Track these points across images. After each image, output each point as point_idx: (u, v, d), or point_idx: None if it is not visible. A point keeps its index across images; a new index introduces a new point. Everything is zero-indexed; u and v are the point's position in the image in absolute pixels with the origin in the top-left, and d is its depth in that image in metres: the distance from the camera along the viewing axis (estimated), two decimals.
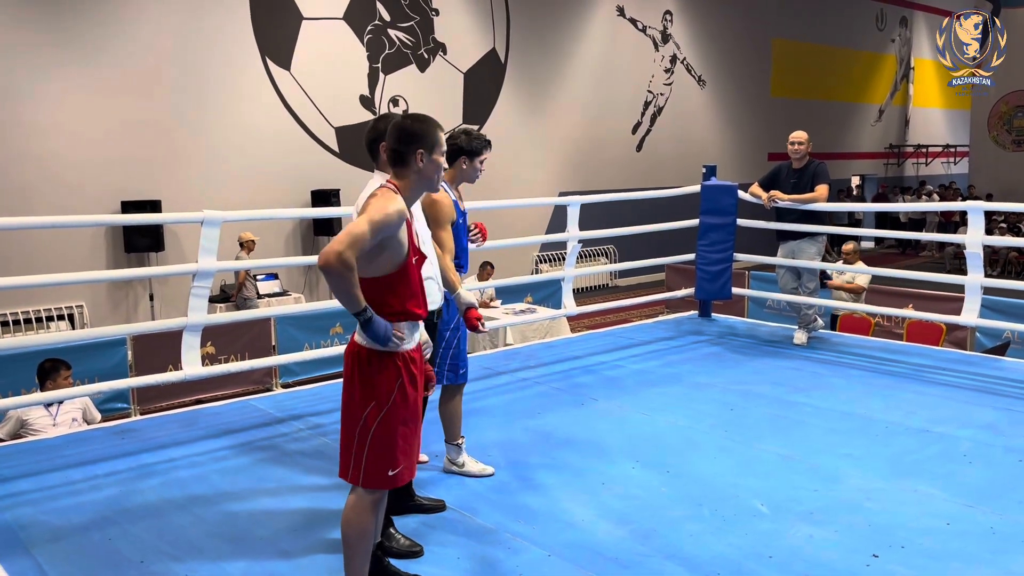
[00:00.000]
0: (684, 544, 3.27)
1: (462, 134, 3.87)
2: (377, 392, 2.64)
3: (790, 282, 6.71)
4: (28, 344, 5.81)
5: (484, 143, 3.88)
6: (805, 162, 6.53)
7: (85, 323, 10.18)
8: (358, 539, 2.70)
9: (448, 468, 3.99)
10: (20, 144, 9.78)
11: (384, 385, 2.64)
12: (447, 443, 4.00)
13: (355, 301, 2.56)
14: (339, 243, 2.49)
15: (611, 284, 16.34)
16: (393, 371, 2.65)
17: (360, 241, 2.51)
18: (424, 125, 2.74)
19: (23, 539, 3.36)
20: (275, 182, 11.51)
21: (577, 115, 15.93)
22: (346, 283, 2.51)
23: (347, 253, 2.48)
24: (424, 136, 2.72)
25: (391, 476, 2.68)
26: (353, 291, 2.54)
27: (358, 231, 2.51)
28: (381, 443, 2.65)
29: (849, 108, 22.89)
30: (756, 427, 4.63)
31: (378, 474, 2.67)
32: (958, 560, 3.14)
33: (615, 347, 6.52)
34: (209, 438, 4.55)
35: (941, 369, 5.83)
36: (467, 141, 3.84)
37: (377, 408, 2.64)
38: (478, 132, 3.93)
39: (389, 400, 2.64)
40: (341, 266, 2.48)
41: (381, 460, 2.66)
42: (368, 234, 2.52)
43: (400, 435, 2.68)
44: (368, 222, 2.52)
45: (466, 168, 3.87)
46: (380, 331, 2.59)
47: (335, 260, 2.47)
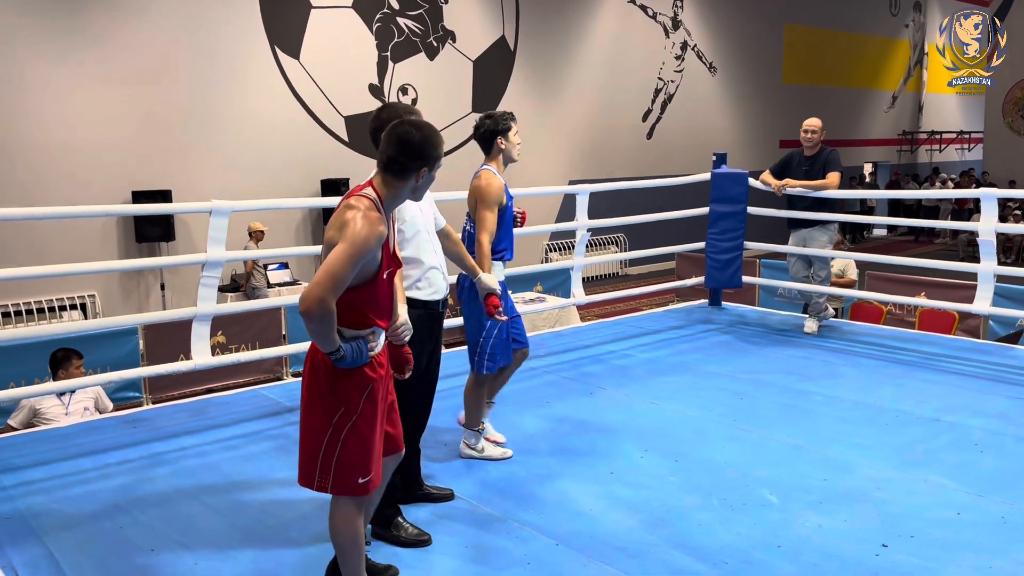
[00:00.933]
0: (693, 533, 3.27)
1: (486, 119, 3.93)
2: (345, 400, 2.56)
3: (801, 270, 6.68)
4: (41, 334, 5.85)
5: (509, 116, 3.95)
6: (817, 149, 6.49)
7: (97, 312, 10.24)
8: (351, 544, 2.67)
9: (466, 453, 4.00)
10: (32, 134, 9.82)
11: (352, 393, 2.56)
12: (467, 428, 4.01)
13: (331, 342, 2.46)
14: (320, 287, 2.36)
15: (621, 272, 16.31)
16: (362, 378, 2.57)
17: (342, 282, 2.41)
18: (431, 144, 2.60)
19: (35, 527, 3.39)
20: (285, 171, 11.52)
21: (587, 103, 15.86)
22: (326, 328, 2.42)
23: (329, 300, 2.38)
24: (431, 155, 2.60)
25: (362, 484, 2.60)
26: (330, 335, 2.45)
27: (340, 272, 2.39)
28: (352, 451, 2.57)
29: (862, 94, 22.71)
30: (766, 416, 4.62)
31: (349, 482, 2.59)
32: (968, 550, 3.13)
33: (624, 336, 6.51)
34: (219, 427, 4.57)
35: (953, 357, 5.79)
36: (494, 122, 3.90)
37: (346, 416, 2.55)
38: (499, 111, 3.98)
39: (358, 408, 2.56)
40: (323, 313, 2.38)
41: (352, 468, 2.58)
42: (350, 272, 2.42)
43: (370, 441, 2.60)
44: (348, 257, 2.40)
45: (505, 147, 3.92)
46: (351, 359, 2.51)
47: (317, 308, 2.36)
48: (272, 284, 10.76)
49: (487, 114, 3.97)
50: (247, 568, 3.06)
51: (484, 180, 3.83)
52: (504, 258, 3.92)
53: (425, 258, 3.35)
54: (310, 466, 2.62)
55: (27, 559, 3.13)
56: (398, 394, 3.18)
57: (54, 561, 3.11)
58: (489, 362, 3.86)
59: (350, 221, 2.45)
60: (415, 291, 3.34)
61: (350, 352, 2.51)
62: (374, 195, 2.58)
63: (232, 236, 9.64)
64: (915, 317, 8.45)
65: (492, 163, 3.93)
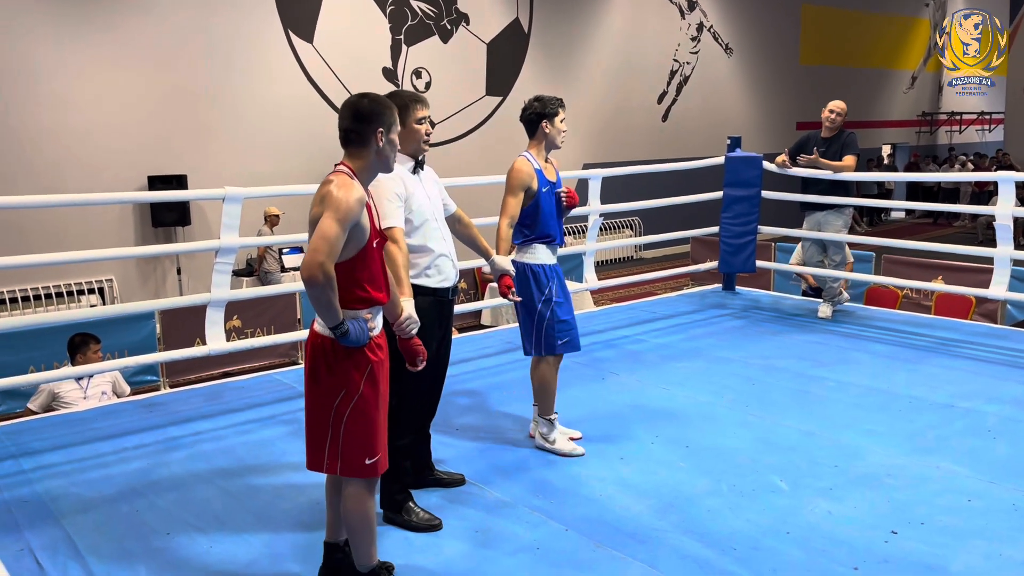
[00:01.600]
0: (702, 519, 3.28)
1: (535, 101, 3.91)
2: (346, 382, 2.60)
3: (815, 255, 6.64)
4: (59, 319, 5.91)
5: (558, 102, 3.92)
6: (836, 132, 6.42)
7: (115, 297, 10.34)
8: (362, 526, 2.71)
9: (539, 444, 3.96)
10: (50, 120, 9.90)
11: (353, 374, 2.60)
12: (539, 417, 3.97)
13: (335, 313, 2.52)
14: (318, 252, 2.45)
15: (636, 256, 16.27)
16: (361, 359, 2.62)
17: (337, 245, 2.49)
18: (381, 104, 2.68)
19: (53, 510, 3.45)
20: (299, 155, 11.55)
21: (602, 85, 15.77)
22: (328, 295, 2.48)
23: (328, 265, 2.46)
24: (383, 115, 2.66)
25: (369, 464, 2.65)
26: (334, 302, 2.51)
27: (332, 235, 2.47)
28: (355, 433, 2.62)
29: (881, 75, 22.43)
30: (777, 402, 4.61)
31: (356, 463, 2.64)
32: (979, 537, 3.12)
33: (637, 321, 6.50)
34: (234, 412, 4.62)
35: (968, 343, 5.76)
36: (542, 106, 3.88)
37: (348, 398, 2.60)
38: (548, 95, 3.95)
39: (359, 390, 2.61)
40: (325, 278, 2.45)
41: (357, 449, 2.63)
42: (341, 234, 2.49)
43: (374, 422, 2.65)
44: (336, 221, 2.48)
45: (549, 132, 3.90)
46: (355, 337, 2.57)
47: (319, 272, 2.44)
48: (287, 268, 10.82)
49: (536, 97, 3.94)
50: (260, 551, 3.10)
51: (515, 165, 3.84)
52: (554, 243, 3.91)
53: (434, 246, 3.36)
54: (318, 450, 2.67)
55: (45, 542, 3.19)
56: (409, 381, 3.21)
57: (72, 543, 3.17)
58: (547, 344, 3.86)
59: (330, 192, 2.55)
60: (424, 279, 3.35)
61: (354, 329, 2.56)
62: (347, 170, 2.67)
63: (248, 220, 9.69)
64: (931, 302, 8.39)
65: (532, 148, 3.92)
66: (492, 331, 6.65)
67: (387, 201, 3.16)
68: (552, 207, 3.93)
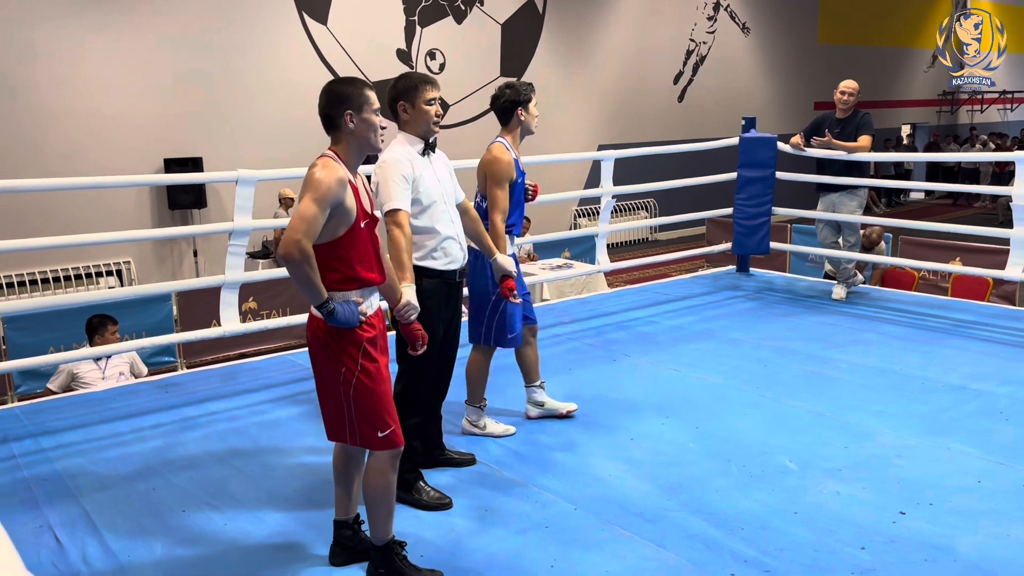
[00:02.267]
0: (710, 499, 3.30)
1: (506, 88, 3.88)
2: (344, 362, 2.65)
3: (830, 236, 6.61)
4: (78, 300, 5.99)
5: (530, 88, 3.90)
6: (851, 112, 6.37)
7: (132, 279, 10.45)
8: (382, 497, 2.76)
9: (468, 430, 3.98)
10: (67, 102, 9.96)
11: (349, 355, 2.65)
12: (468, 404, 3.98)
13: (317, 292, 2.56)
14: (295, 231, 2.49)
15: (651, 238, 16.22)
16: (355, 336, 2.65)
17: (314, 223, 2.53)
18: (350, 86, 2.70)
19: (72, 488, 3.52)
20: (314, 138, 11.46)
21: (617, 66, 15.67)
22: (306, 272, 2.52)
23: (305, 242, 2.50)
24: (350, 96, 2.68)
25: (382, 438, 2.70)
26: (315, 280, 2.55)
27: (309, 214, 2.52)
28: (363, 408, 2.68)
29: (900, 54, 22.13)
30: (789, 383, 4.62)
31: (369, 437, 2.70)
32: (987, 518, 3.12)
33: (650, 303, 6.51)
34: (249, 392, 4.68)
35: (984, 324, 5.72)
36: (515, 93, 3.85)
37: (348, 377, 2.66)
38: (518, 81, 3.93)
39: (357, 369, 2.66)
40: (301, 256, 2.49)
41: (367, 424, 2.69)
42: (319, 214, 2.54)
43: (379, 397, 2.69)
44: (314, 201, 2.53)
45: (524, 119, 3.88)
46: (343, 317, 2.61)
47: (295, 249, 2.48)
48: None
49: (507, 84, 3.91)
50: (274, 529, 3.15)
51: (494, 155, 3.77)
52: (513, 232, 3.89)
53: (441, 228, 3.36)
54: (333, 422, 2.75)
55: (64, 519, 3.25)
56: (417, 362, 3.23)
57: (90, 520, 3.23)
58: (497, 335, 3.84)
59: (312, 174, 2.62)
60: (430, 261, 3.36)
61: (342, 310, 2.60)
62: (331, 154, 2.72)
63: (264, 203, 9.70)
64: (948, 283, 8.33)
65: (507, 136, 3.88)
66: None
67: (393, 183, 3.17)
68: (521, 198, 3.92)
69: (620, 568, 2.84)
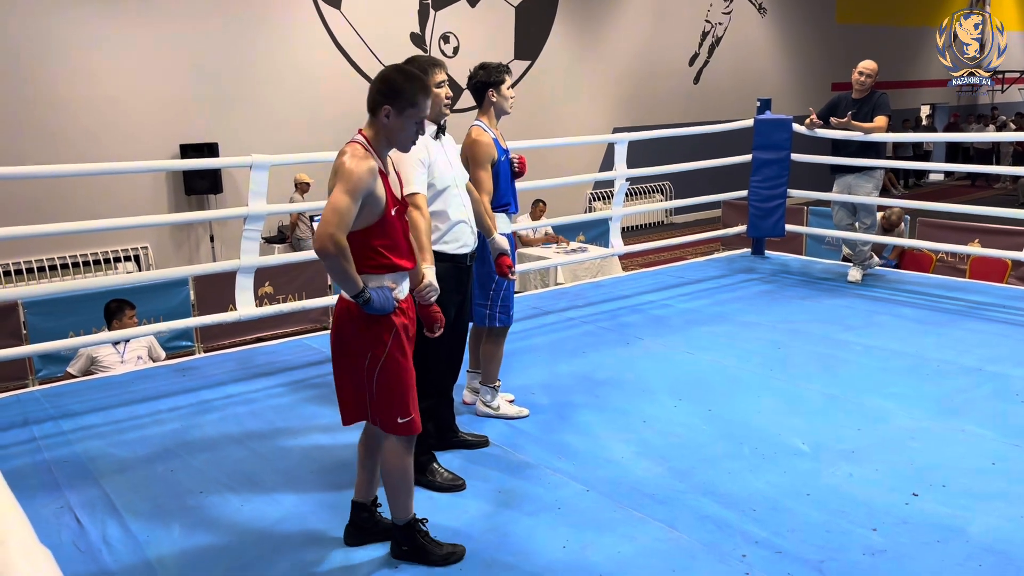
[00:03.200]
0: (722, 481, 3.31)
1: (479, 70, 3.84)
2: (374, 343, 2.65)
3: (845, 218, 6.56)
4: (97, 285, 6.08)
5: (504, 69, 3.86)
6: (868, 93, 6.31)
7: (150, 264, 10.54)
8: (400, 479, 2.79)
9: (482, 411, 4.01)
10: (85, 90, 10.03)
11: (379, 337, 2.65)
12: (483, 384, 4.02)
13: (353, 283, 2.56)
14: (328, 224, 2.49)
15: (666, 221, 16.17)
16: (388, 322, 2.65)
17: (347, 216, 2.52)
18: (408, 83, 2.63)
19: (92, 470, 3.58)
20: (328, 122, 11.59)
21: (632, 48, 15.56)
22: (342, 265, 2.52)
23: (339, 235, 2.49)
24: (399, 94, 2.62)
25: (402, 424, 2.70)
26: (350, 272, 2.54)
27: (342, 205, 2.50)
28: (386, 393, 2.68)
29: (920, 33, 21.82)
30: (802, 366, 4.61)
31: (389, 422, 2.71)
32: (1000, 499, 3.12)
33: (664, 286, 6.50)
34: (265, 376, 4.73)
35: (1000, 306, 5.68)
36: (487, 74, 3.81)
37: (374, 360, 2.65)
38: (493, 62, 3.89)
39: (385, 352, 2.65)
40: (336, 249, 2.49)
41: (388, 409, 2.69)
42: (351, 205, 2.52)
43: (404, 382, 2.70)
44: (346, 193, 2.51)
45: (496, 100, 3.84)
46: (379, 304, 2.60)
47: (330, 243, 2.47)
48: None
49: (481, 65, 3.86)
50: (289, 510, 3.19)
51: (473, 137, 3.77)
52: (509, 211, 3.89)
53: (452, 212, 3.38)
54: (351, 406, 2.74)
55: (84, 500, 3.31)
56: (430, 345, 3.25)
57: (109, 502, 3.29)
58: (502, 314, 3.86)
59: (341, 163, 2.59)
60: (442, 245, 3.38)
61: (377, 297, 2.60)
62: (361, 139, 2.69)
63: (279, 188, 9.75)
64: (966, 265, 8.26)
65: (484, 117, 3.85)
66: (517, 296, 6.68)
67: (410, 167, 3.19)
68: (508, 175, 3.91)
69: (632, 549, 2.86)
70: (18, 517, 1.30)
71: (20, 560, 1.05)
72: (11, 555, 1.06)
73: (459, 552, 2.84)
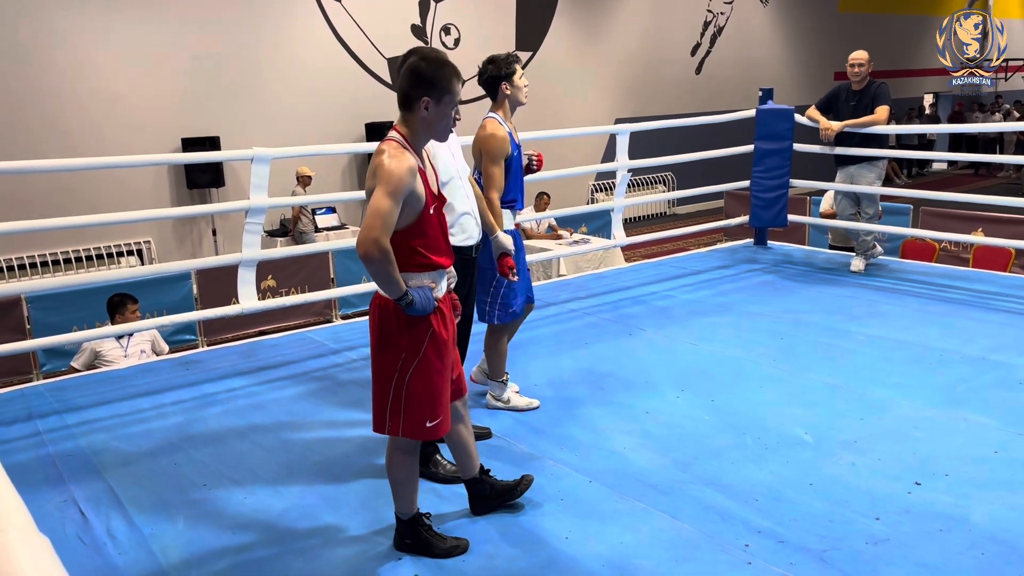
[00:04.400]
0: (724, 472, 3.32)
1: (488, 64, 3.79)
2: (409, 344, 2.62)
3: (848, 208, 6.55)
4: (100, 279, 6.07)
5: (513, 59, 3.80)
6: (866, 83, 6.29)
7: (153, 258, 10.56)
8: (407, 476, 2.79)
9: (492, 405, 4.02)
10: (87, 84, 10.04)
11: (416, 336, 2.62)
12: (490, 380, 4.02)
13: (397, 286, 2.52)
14: (372, 229, 2.44)
15: (669, 212, 16.14)
16: (423, 321, 2.62)
17: (390, 219, 2.47)
18: (439, 71, 2.59)
19: (96, 464, 3.59)
20: (330, 115, 11.59)
21: (634, 38, 15.51)
22: (387, 270, 2.48)
23: (383, 239, 2.45)
24: (435, 83, 2.58)
25: (430, 427, 2.69)
26: (394, 276, 2.51)
27: (384, 209, 2.46)
28: (418, 395, 2.65)
29: (923, 21, 21.72)
30: (805, 356, 4.60)
31: (418, 426, 2.68)
32: (1003, 488, 3.12)
33: (667, 277, 6.49)
34: (268, 369, 4.73)
35: (1004, 295, 5.67)
36: (497, 68, 3.76)
37: (410, 360, 2.62)
38: (501, 54, 3.83)
39: (421, 351, 2.62)
40: (381, 254, 2.46)
41: (420, 412, 2.66)
42: (394, 207, 2.48)
43: (436, 385, 2.67)
44: (388, 195, 2.47)
45: (511, 92, 3.79)
46: (421, 306, 2.57)
47: (374, 248, 2.44)
48: (320, 228, 10.92)
49: (490, 58, 3.80)
50: (292, 503, 3.20)
51: (488, 131, 3.71)
52: (515, 208, 3.84)
53: (458, 204, 3.37)
54: (381, 411, 2.71)
55: (88, 493, 3.32)
56: None
57: (114, 495, 3.30)
58: (500, 311, 3.84)
59: (380, 163, 2.53)
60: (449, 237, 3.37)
61: (419, 298, 2.57)
62: (398, 136, 2.64)
63: (281, 181, 9.75)
64: (970, 254, 8.24)
65: (498, 110, 3.80)
66: None
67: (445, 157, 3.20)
68: (519, 171, 3.86)
69: (634, 539, 2.87)
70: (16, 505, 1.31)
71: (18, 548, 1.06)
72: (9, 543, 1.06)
73: (463, 545, 2.85)
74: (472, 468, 3.04)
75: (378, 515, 3.07)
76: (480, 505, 3.06)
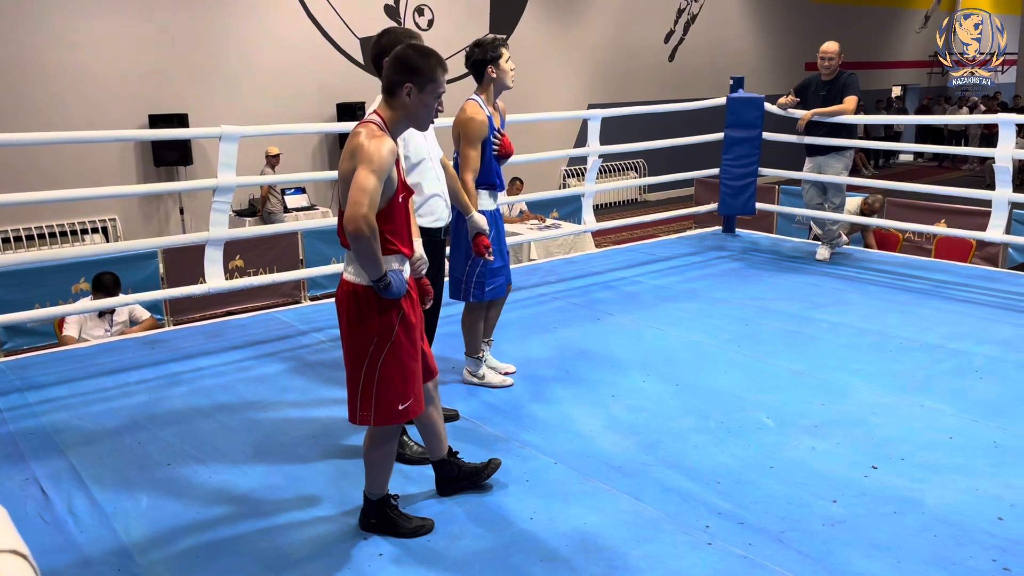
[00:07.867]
0: (687, 454, 3.37)
1: (475, 47, 3.82)
2: (381, 328, 2.62)
3: (815, 197, 6.63)
4: (64, 256, 5.99)
5: (500, 43, 3.83)
6: (835, 74, 6.37)
7: (119, 236, 10.40)
8: (384, 460, 2.81)
9: (467, 380, 4.08)
10: (52, 57, 9.83)
11: (387, 321, 2.63)
12: (467, 356, 4.08)
13: (379, 266, 2.53)
14: (360, 205, 2.44)
15: (640, 199, 16.21)
16: (394, 305, 2.64)
17: (375, 196, 2.48)
18: (424, 60, 2.61)
19: (58, 442, 3.55)
20: (301, 95, 11.46)
21: (608, 24, 15.51)
22: (373, 247, 2.49)
23: (371, 216, 2.46)
24: (419, 71, 2.59)
25: (402, 410, 2.70)
26: (379, 255, 2.52)
27: (371, 186, 2.46)
28: (390, 379, 2.66)
29: (893, 14, 21.98)
30: (769, 342, 4.67)
31: (390, 410, 2.69)
32: (957, 473, 3.20)
33: (636, 263, 6.54)
34: (234, 349, 4.71)
35: (963, 285, 5.79)
36: (483, 51, 3.79)
37: (381, 344, 2.63)
38: (488, 37, 3.86)
39: (392, 335, 2.64)
40: (370, 231, 2.45)
41: (391, 395, 2.68)
42: (378, 184, 2.48)
43: (408, 368, 2.69)
44: (372, 173, 2.47)
45: (496, 76, 3.82)
46: (396, 288, 2.58)
47: (365, 226, 2.44)
48: (289, 209, 10.83)
49: (476, 42, 3.84)
50: (258, 482, 3.20)
51: (467, 114, 3.75)
52: (496, 189, 3.88)
53: (427, 186, 3.38)
54: (354, 400, 2.71)
55: (49, 472, 3.29)
56: None
57: (76, 473, 3.27)
58: (476, 290, 3.88)
59: (360, 145, 2.53)
60: (417, 218, 3.38)
61: (395, 281, 2.58)
62: (377, 119, 2.64)
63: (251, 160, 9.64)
64: (932, 245, 8.39)
65: (482, 94, 3.84)
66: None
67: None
68: (491, 154, 3.88)
69: (598, 520, 2.91)
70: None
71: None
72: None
73: (428, 526, 2.87)
74: (440, 450, 3.06)
75: (344, 495, 3.08)
76: (447, 486, 3.09)
